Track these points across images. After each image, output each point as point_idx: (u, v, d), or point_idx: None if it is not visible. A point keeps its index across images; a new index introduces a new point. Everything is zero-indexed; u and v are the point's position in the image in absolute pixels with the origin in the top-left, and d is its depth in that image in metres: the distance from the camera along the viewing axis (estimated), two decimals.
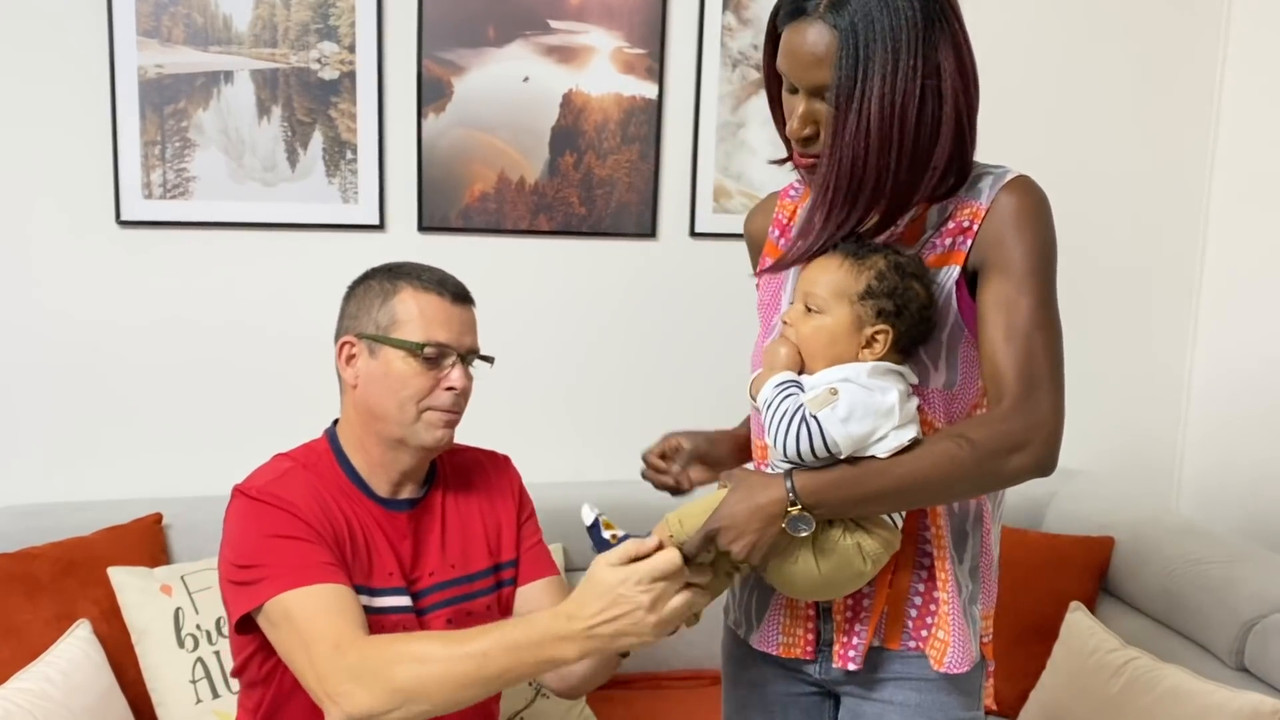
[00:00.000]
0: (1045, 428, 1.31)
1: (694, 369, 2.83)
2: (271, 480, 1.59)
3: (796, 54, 1.33)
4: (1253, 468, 2.87)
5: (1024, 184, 1.37)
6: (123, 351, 2.50)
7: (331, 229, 2.56)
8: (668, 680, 2.56)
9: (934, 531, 1.43)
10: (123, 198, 2.44)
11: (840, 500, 1.31)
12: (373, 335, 1.62)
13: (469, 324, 1.68)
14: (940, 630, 1.44)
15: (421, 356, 1.60)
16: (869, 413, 1.29)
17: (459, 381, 1.64)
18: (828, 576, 1.35)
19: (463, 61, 2.56)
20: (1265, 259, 2.86)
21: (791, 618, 1.51)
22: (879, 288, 1.34)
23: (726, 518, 1.32)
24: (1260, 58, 2.87)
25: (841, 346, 1.35)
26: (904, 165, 1.32)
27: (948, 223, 1.39)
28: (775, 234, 1.58)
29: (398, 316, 1.61)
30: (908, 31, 1.28)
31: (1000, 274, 1.34)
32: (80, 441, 2.51)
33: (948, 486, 1.33)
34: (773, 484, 1.32)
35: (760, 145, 2.74)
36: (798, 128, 1.35)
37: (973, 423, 1.34)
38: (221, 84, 2.45)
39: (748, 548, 1.31)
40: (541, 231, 2.67)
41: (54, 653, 2.09)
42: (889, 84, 1.28)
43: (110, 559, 2.24)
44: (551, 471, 2.74)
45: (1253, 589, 2.31)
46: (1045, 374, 1.32)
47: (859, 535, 1.34)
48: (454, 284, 1.67)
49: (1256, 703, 2.08)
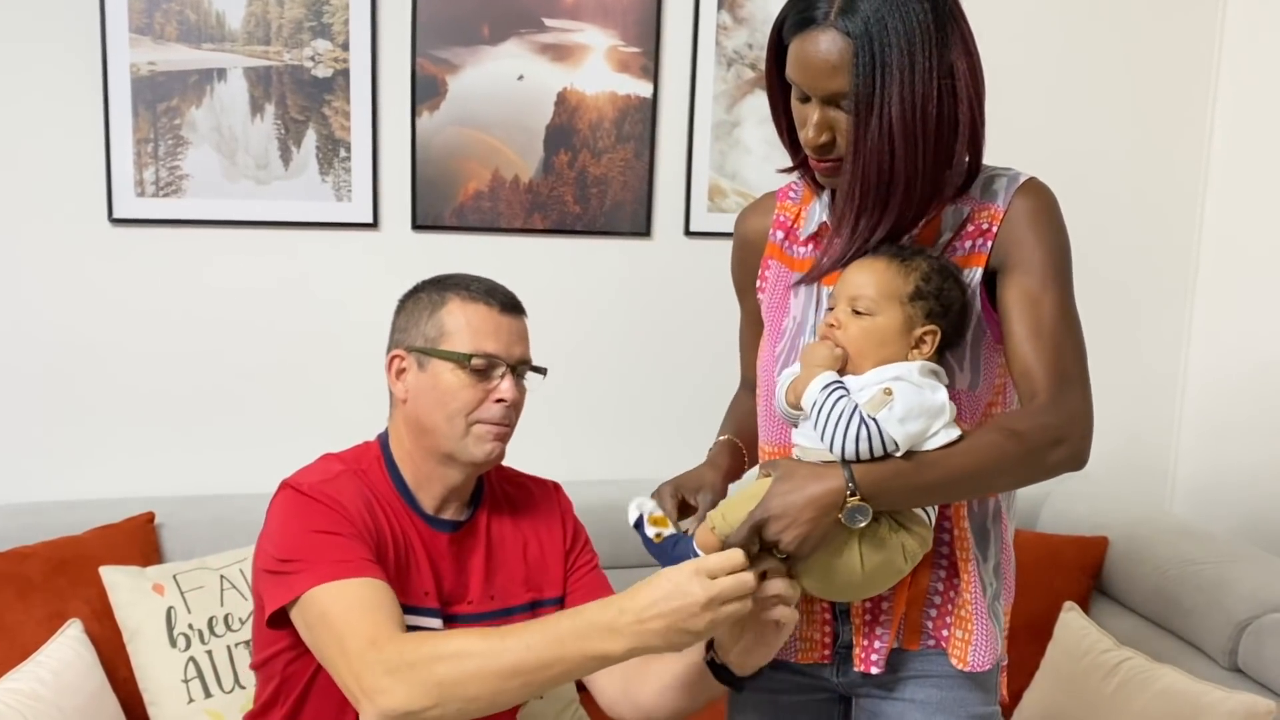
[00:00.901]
0: (1082, 422, 1.35)
1: (689, 368, 2.82)
2: (323, 480, 1.57)
3: (809, 63, 1.32)
4: (1247, 468, 2.88)
5: (1039, 186, 1.42)
6: (115, 350, 2.49)
7: (325, 227, 2.55)
8: None
9: (956, 532, 1.45)
10: (115, 196, 2.43)
11: (898, 491, 1.31)
12: (421, 348, 1.59)
13: (519, 334, 1.64)
14: (960, 629, 1.45)
15: (470, 368, 1.57)
16: (924, 412, 1.31)
17: (509, 393, 1.60)
18: (869, 574, 1.34)
19: (457, 59, 2.55)
20: (1260, 261, 2.86)
21: (808, 623, 1.51)
22: (927, 288, 1.36)
23: (777, 507, 1.29)
24: (1255, 63, 2.87)
25: (893, 347, 1.36)
26: (929, 165, 1.33)
27: (966, 226, 1.41)
28: (779, 236, 1.57)
29: (445, 328, 1.58)
30: (921, 34, 1.29)
31: (1023, 274, 1.38)
32: (72, 440, 2.50)
33: (995, 478, 1.36)
34: (827, 474, 1.30)
35: (755, 144, 2.74)
36: (814, 136, 1.35)
37: (1013, 417, 1.36)
38: (215, 81, 2.44)
39: (799, 539, 1.29)
40: (536, 230, 2.67)
41: (45, 652, 2.08)
42: (907, 87, 1.29)
43: (102, 558, 2.24)
44: (544, 471, 2.73)
45: (1246, 590, 2.31)
46: (1075, 370, 1.36)
47: (902, 534, 1.35)
48: (503, 294, 1.64)
49: (1250, 703, 2.08)
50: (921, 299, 1.36)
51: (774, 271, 1.57)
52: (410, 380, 1.60)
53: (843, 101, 1.32)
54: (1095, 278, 2.98)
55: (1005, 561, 1.51)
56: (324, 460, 1.64)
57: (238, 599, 2.26)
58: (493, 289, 1.63)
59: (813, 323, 1.49)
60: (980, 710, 1.49)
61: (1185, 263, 3.06)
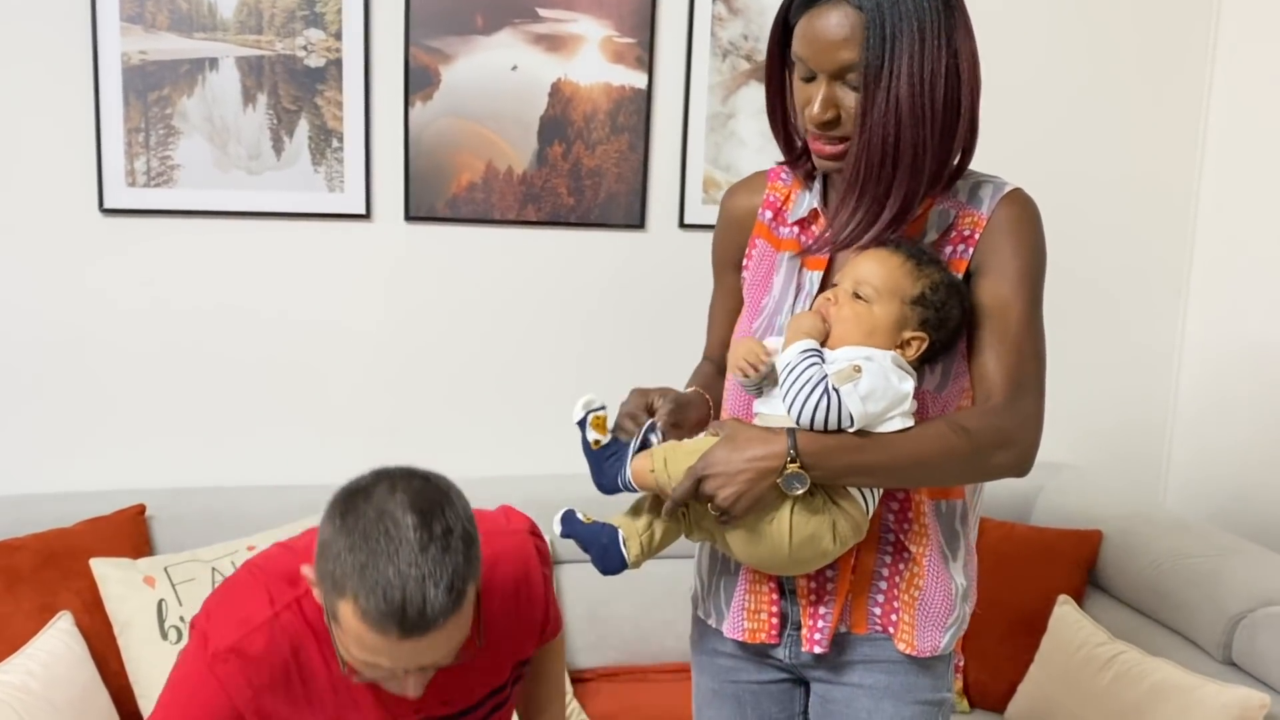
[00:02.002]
0: (1032, 429, 1.39)
1: (682, 360, 2.80)
2: (238, 640, 1.40)
3: (819, 38, 1.33)
4: (1240, 462, 2.88)
5: (1024, 197, 1.43)
6: (105, 341, 2.48)
7: (317, 218, 2.54)
8: (654, 673, 2.56)
9: (916, 524, 1.46)
10: (106, 185, 2.41)
11: (838, 466, 1.33)
12: (323, 601, 1.33)
13: (428, 647, 1.29)
14: (907, 613, 1.46)
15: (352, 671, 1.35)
16: (886, 395, 1.33)
17: (413, 691, 1.35)
18: (796, 546, 1.36)
19: (450, 50, 2.53)
20: (1254, 254, 2.86)
21: (755, 600, 1.52)
22: (932, 298, 1.37)
23: (719, 464, 1.33)
24: (1250, 52, 2.87)
25: (879, 339, 1.37)
26: (934, 142, 1.34)
27: (950, 231, 1.43)
28: (768, 216, 1.56)
29: (338, 616, 1.29)
30: (931, 12, 1.31)
31: (996, 279, 1.40)
32: (63, 432, 2.49)
33: (937, 471, 1.38)
34: (771, 439, 1.33)
35: (750, 136, 2.73)
36: (819, 112, 1.35)
37: (966, 415, 1.39)
38: (206, 71, 2.43)
39: (733, 497, 1.32)
40: (530, 222, 2.66)
41: (35, 645, 2.07)
42: (917, 62, 1.30)
43: (92, 550, 2.23)
44: (536, 462, 2.73)
45: (1240, 583, 2.31)
46: (1033, 379, 1.39)
47: (836, 513, 1.37)
48: (413, 614, 1.24)
49: (1244, 697, 2.08)
50: (923, 306, 1.37)
51: (759, 249, 1.56)
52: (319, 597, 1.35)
53: (849, 76, 1.33)
54: (1089, 272, 2.99)
55: (969, 564, 1.52)
56: (249, 588, 1.45)
57: None
58: (400, 608, 1.23)
59: (790, 303, 1.49)
60: (929, 696, 1.50)
61: (1179, 257, 3.05)
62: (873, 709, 1.49)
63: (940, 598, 1.46)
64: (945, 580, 1.47)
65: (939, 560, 1.46)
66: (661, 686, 2.51)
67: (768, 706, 1.59)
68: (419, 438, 2.66)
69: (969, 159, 1.43)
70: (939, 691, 1.51)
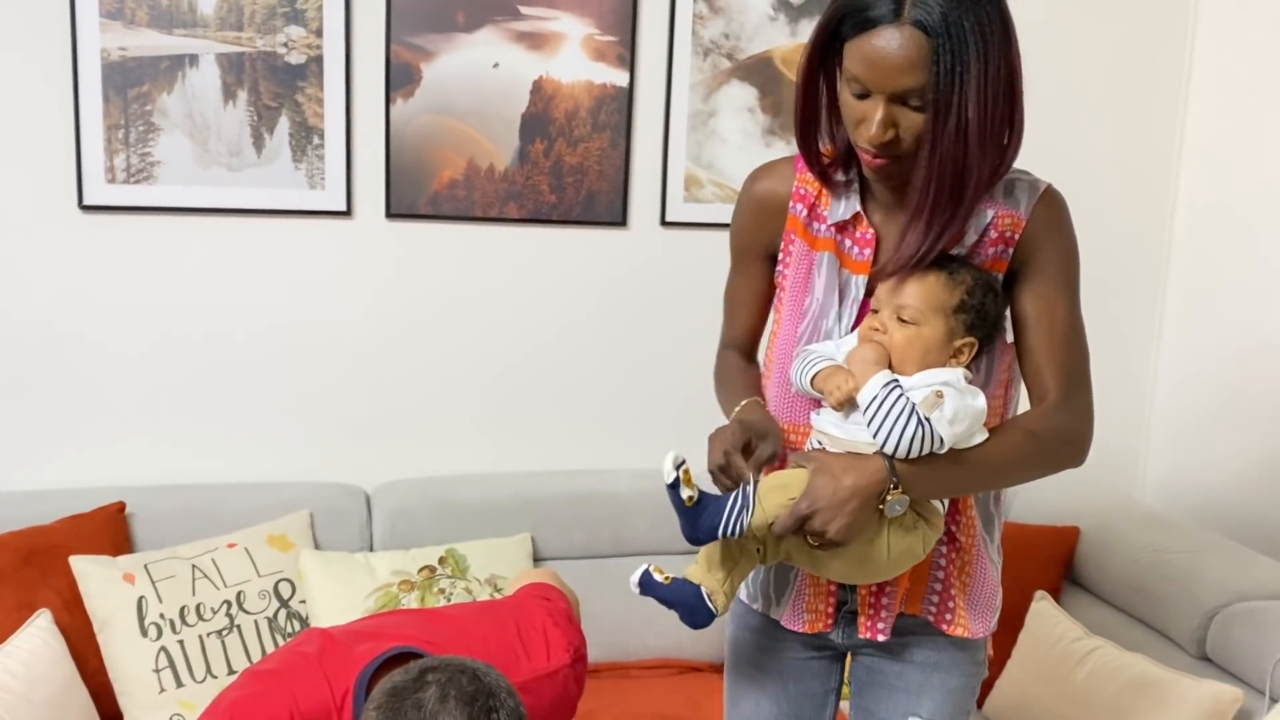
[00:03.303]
0: (1088, 423, 1.48)
1: (664, 358, 2.82)
2: None
3: (881, 61, 1.30)
4: (1217, 459, 2.90)
5: (1057, 196, 1.48)
6: (84, 338, 2.47)
7: (298, 215, 2.54)
8: (636, 669, 2.56)
9: (965, 518, 1.52)
10: (85, 182, 2.40)
11: (932, 485, 1.40)
12: None
13: None
14: (962, 599, 1.54)
15: None
16: (968, 415, 1.39)
17: None
18: (893, 559, 1.42)
19: (432, 47, 2.53)
20: (1230, 255, 2.88)
21: (814, 595, 1.57)
22: (971, 302, 1.41)
23: (824, 498, 1.35)
24: (1226, 64, 2.89)
25: (934, 356, 1.42)
26: (995, 162, 1.37)
27: (989, 232, 1.44)
28: (800, 210, 1.53)
29: None
30: (992, 33, 1.31)
31: (1039, 280, 1.45)
32: (42, 429, 2.48)
33: (1014, 475, 1.48)
34: (865, 466, 1.37)
35: (731, 134, 2.74)
36: (878, 133, 1.34)
37: (1031, 418, 1.45)
38: (186, 67, 2.42)
39: (844, 529, 1.35)
40: (511, 220, 2.66)
41: (14, 643, 2.07)
42: (983, 84, 1.30)
43: (72, 548, 2.22)
44: (519, 460, 2.74)
45: (1215, 578, 2.34)
46: (1081, 374, 1.48)
47: (923, 523, 1.43)
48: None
49: (1218, 691, 2.10)
50: (964, 312, 1.41)
51: (797, 248, 1.55)
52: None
53: (911, 99, 1.32)
54: None
55: (999, 545, 1.61)
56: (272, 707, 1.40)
57: (209, 589, 2.25)
58: None
59: (836, 309, 1.50)
60: (971, 668, 1.60)
61: (1157, 255, 3.07)
62: (923, 682, 1.57)
63: (987, 582, 1.56)
64: (988, 565, 1.55)
65: (982, 546, 1.55)
66: (643, 682, 2.53)
67: (809, 681, 1.65)
68: (399, 434, 2.66)
69: (1012, 164, 1.44)
70: (978, 663, 1.61)
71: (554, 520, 2.58)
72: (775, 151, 2.77)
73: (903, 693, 1.57)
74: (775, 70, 2.74)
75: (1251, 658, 2.18)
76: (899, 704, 1.58)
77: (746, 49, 2.71)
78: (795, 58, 2.73)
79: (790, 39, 2.72)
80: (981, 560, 1.54)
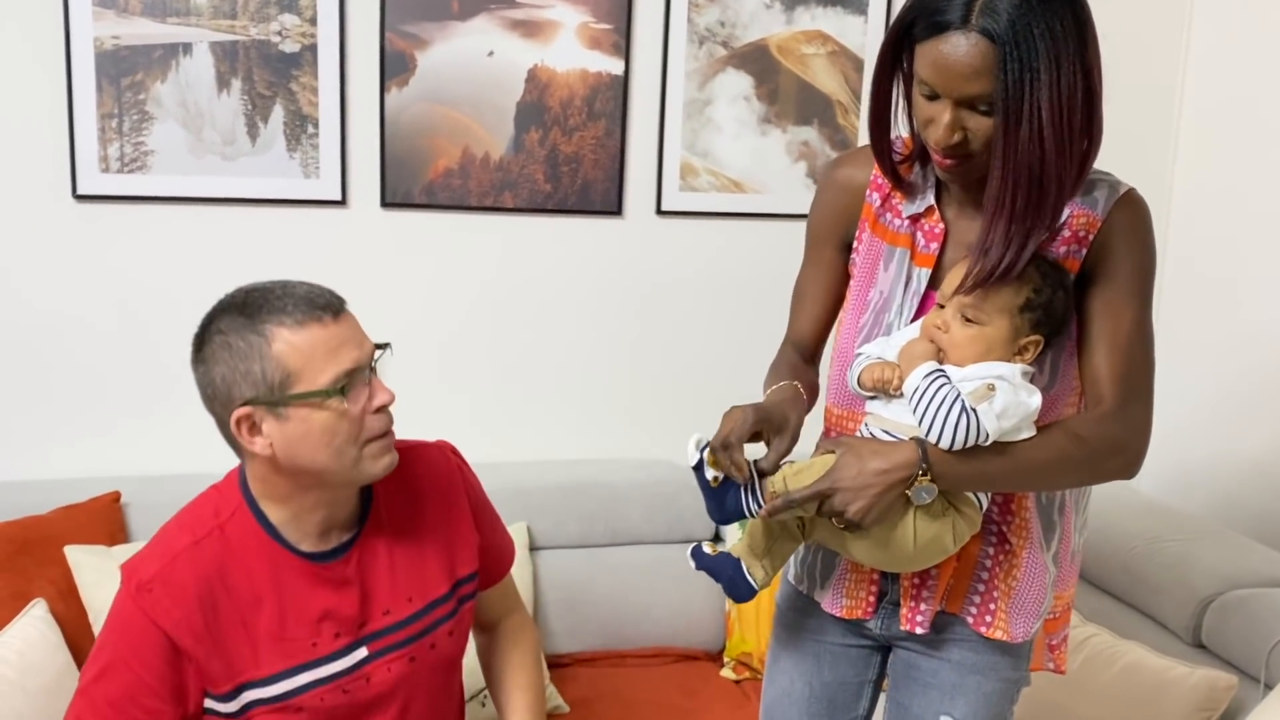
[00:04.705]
0: (1142, 436, 1.45)
1: (660, 347, 2.82)
2: (159, 570, 1.45)
3: (950, 66, 1.30)
4: (1212, 447, 2.90)
5: (1138, 200, 1.45)
6: (79, 328, 2.47)
7: (293, 204, 2.53)
8: (632, 657, 2.57)
9: (1019, 520, 1.51)
10: (79, 172, 2.39)
11: (964, 475, 1.38)
12: (270, 400, 1.40)
13: (356, 328, 1.46)
14: (1004, 601, 1.52)
15: (339, 396, 1.41)
16: (1018, 412, 1.37)
17: (385, 396, 1.47)
18: (920, 549, 1.41)
19: (426, 35, 2.53)
20: (1224, 246, 2.88)
21: (855, 581, 1.58)
22: (1036, 300, 1.40)
23: (846, 479, 1.35)
24: (1219, 72, 2.89)
25: (997, 354, 1.41)
26: (1076, 167, 1.34)
27: (1064, 230, 1.43)
28: (875, 200, 1.53)
29: (289, 366, 1.39)
30: (1065, 36, 1.28)
31: (1109, 284, 1.43)
32: (37, 419, 2.47)
33: (1054, 477, 1.44)
34: (895, 451, 1.36)
35: (727, 123, 2.73)
36: (945, 136, 1.33)
37: (1081, 422, 1.43)
38: (180, 56, 2.41)
39: (864, 510, 1.35)
40: (506, 209, 2.65)
41: (9, 632, 2.07)
42: (1056, 90, 1.28)
43: (67, 538, 2.22)
44: (514, 450, 2.74)
45: (1210, 566, 2.34)
46: (1142, 385, 1.45)
47: (954, 514, 1.41)
48: (323, 298, 1.44)
49: (1212, 679, 2.11)
50: (1031, 310, 1.40)
51: (867, 239, 1.55)
52: (270, 432, 1.42)
53: (979, 104, 1.31)
54: None
55: (1064, 553, 1.57)
56: (173, 529, 1.52)
57: None
58: (311, 299, 1.42)
59: (900, 301, 1.50)
60: (1010, 675, 1.57)
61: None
62: (958, 683, 1.56)
63: (1035, 587, 1.51)
64: (1041, 571, 1.52)
65: (1037, 551, 1.51)
66: (639, 671, 2.53)
67: (844, 668, 1.66)
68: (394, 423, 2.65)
69: (1093, 164, 1.42)
70: (1019, 670, 1.58)
71: (549, 510, 2.58)
72: (771, 140, 2.76)
73: (937, 691, 1.57)
74: (771, 58, 2.73)
75: (1246, 645, 2.18)
76: (932, 702, 1.57)
77: (742, 37, 2.70)
78: (791, 45, 2.74)
79: (786, 26, 2.72)
80: (1033, 566, 1.51)
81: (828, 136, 2.80)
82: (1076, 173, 1.35)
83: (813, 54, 2.76)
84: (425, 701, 1.62)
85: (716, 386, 2.81)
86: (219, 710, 1.49)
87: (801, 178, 2.80)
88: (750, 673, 2.52)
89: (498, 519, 1.77)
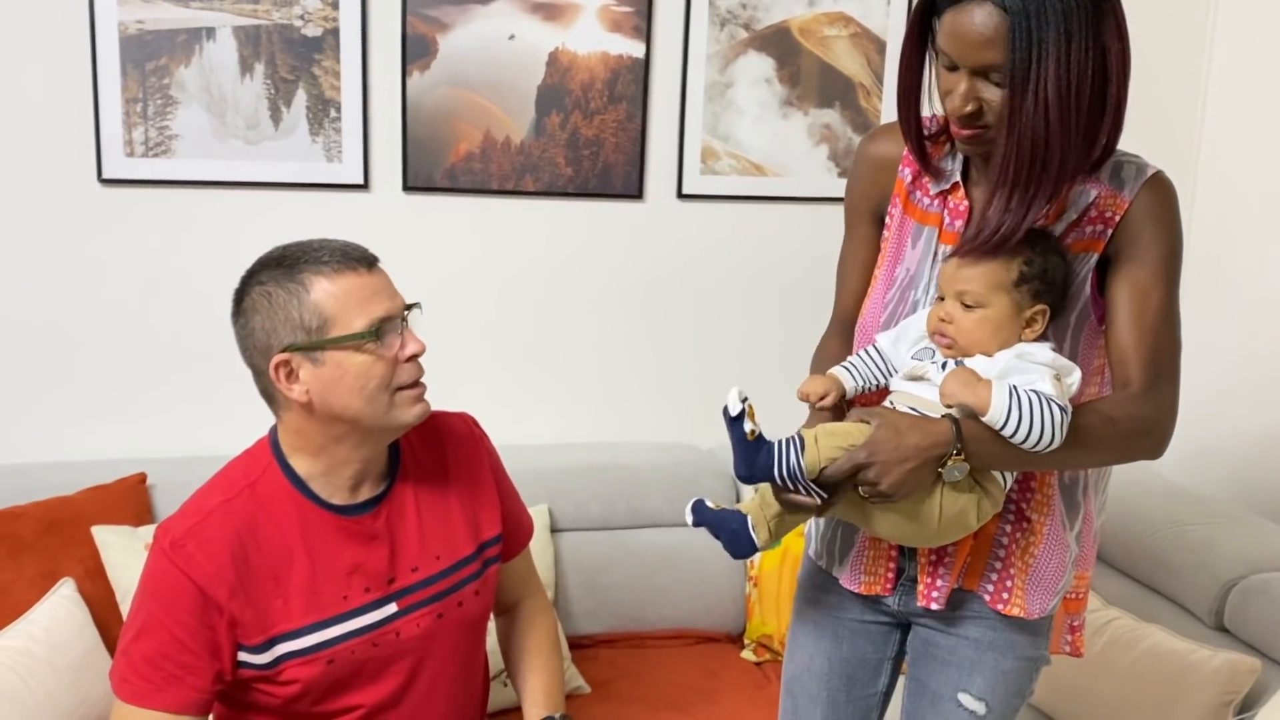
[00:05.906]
0: (1170, 417, 1.46)
1: (680, 330, 2.82)
2: (191, 527, 1.50)
3: (964, 35, 1.33)
4: (1235, 431, 2.89)
5: (1165, 182, 1.45)
6: (105, 311, 2.49)
7: (315, 188, 2.54)
8: (651, 639, 2.58)
9: (1040, 496, 1.51)
10: (104, 156, 2.41)
11: (996, 455, 1.39)
12: (307, 344, 1.47)
13: (389, 282, 1.55)
14: (1021, 578, 1.52)
15: (373, 340, 1.48)
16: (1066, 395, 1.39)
17: (416, 346, 1.53)
18: (944, 525, 1.42)
19: (448, 19, 2.53)
20: (1248, 233, 2.86)
21: (874, 558, 1.59)
22: (1030, 271, 1.40)
23: (882, 451, 1.36)
24: (1245, 67, 2.86)
25: (1005, 333, 1.42)
26: (1080, 143, 1.35)
27: (1090, 210, 1.44)
28: (907, 175, 1.56)
29: (326, 312, 1.47)
30: (1079, 12, 1.30)
31: (1136, 266, 1.43)
32: (64, 401, 2.50)
33: (1083, 457, 1.45)
34: (931, 428, 1.37)
35: (748, 106, 2.73)
36: (959, 105, 1.36)
37: (1109, 403, 1.43)
38: (203, 40, 2.42)
39: (896, 485, 1.36)
40: (527, 192, 2.66)
41: (37, 611, 2.09)
42: (1064, 65, 1.30)
43: (94, 518, 2.24)
44: (536, 433, 2.75)
45: (1233, 550, 2.33)
46: (1169, 366, 1.45)
47: (980, 493, 1.42)
48: (357, 251, 1.53)
49: (1235, 661, 2.10)
50: (1027, 282, 1.40)
51: (898, 215, 1.57)
52: (307, 378, 1.49)
53: (992, 74, 1.34)
54: None
55: (1087, 533, 1.59)
56: (205, 493, 1.57)
57: None
58: (346, 251, 1.51)
59: (926, 279, 1.52)
60: (1029, 653, 1.58)
61: None
62: (975, 660, 1.56)
63: (1054, 565, 1.52)
64: (1061, 549, 1.52)
65: (1059, 528, 1.52)
66: (660, 653, 2.54)
67: (863, 645, 1.67)
68: None
69: (1114, 147, 1.43)
70: (1038, 649, 1.59)
71: (570, 492, 2.59)
72: (792, 123, 2.76)
73: (954, 668, 1.58)
74: (793, 40, 2.72)
75: (1269, 629, 2.18)
76: (950, 678, 1.58)
77: (764, 19, 2.70)
78: (813, 27, 2.72)
79: (808, 9, 2.71)
80: (1053, 543, 1.52)
81: (850, 119, 2.79)
82: (1087, 148, 1.36)
83: (835, 36, 2.75)
84: (453, 660, 1.66)
85: (737, 369, 2.83)
86: (252, 663, 1.52)
87: (823, 161, 2.80)
88: (771, 655, 2.53)
89: (516, 492, 1.80)
